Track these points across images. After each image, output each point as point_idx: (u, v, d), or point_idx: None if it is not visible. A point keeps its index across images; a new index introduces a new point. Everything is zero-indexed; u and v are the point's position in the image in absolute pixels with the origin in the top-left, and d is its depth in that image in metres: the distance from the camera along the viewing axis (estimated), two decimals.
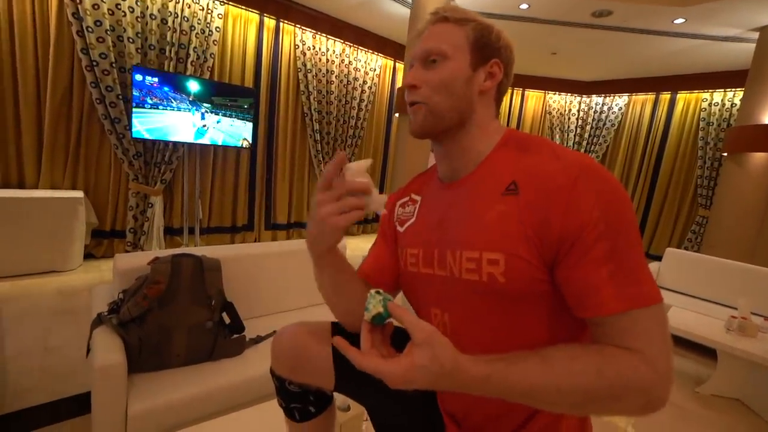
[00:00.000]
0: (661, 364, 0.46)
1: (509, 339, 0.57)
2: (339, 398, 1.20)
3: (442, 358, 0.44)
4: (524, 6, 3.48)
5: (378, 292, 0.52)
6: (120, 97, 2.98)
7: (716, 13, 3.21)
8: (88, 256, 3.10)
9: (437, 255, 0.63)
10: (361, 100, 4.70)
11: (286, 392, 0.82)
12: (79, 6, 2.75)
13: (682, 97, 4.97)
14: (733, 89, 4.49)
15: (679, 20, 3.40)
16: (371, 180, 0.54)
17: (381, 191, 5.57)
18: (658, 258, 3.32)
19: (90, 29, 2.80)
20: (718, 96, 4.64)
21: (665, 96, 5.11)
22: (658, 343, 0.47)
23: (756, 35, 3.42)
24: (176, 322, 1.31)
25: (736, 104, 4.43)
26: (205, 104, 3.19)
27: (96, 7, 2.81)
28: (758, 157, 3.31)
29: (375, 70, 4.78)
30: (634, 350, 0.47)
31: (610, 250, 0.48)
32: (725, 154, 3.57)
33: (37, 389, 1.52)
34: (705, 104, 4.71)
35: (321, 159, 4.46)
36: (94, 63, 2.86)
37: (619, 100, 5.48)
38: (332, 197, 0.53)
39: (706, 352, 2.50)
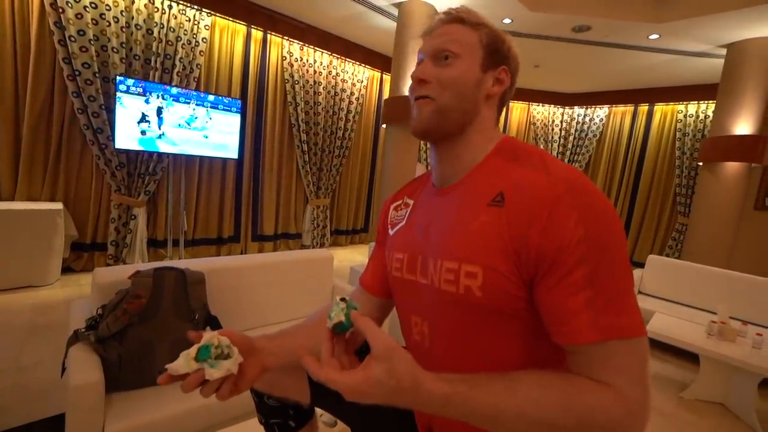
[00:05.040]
0: (634, 401, 0.44)
1: (483, 356, 0.56)
2: (326, 413, 1.17)
3: (400, 373, 0.42)
4: (507, 20, 3.58)
5: (343, 300, 0.50)
6: (103, 107, 2.93)
7: (687, 30, 3.38)
8: (67, 269, 2.99)
9: (420, 262, 0.61)
10: (349, 111, 4.73)
11: (266, 407, 0.81)
12: (62, 15, 2.71)
13: (659, 108, 5.16)
14: (706, 101, 4.68)
15: (654, 36, 3.56)
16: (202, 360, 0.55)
17: (369, 203, 5.45)
18: (641, 265, 3.39)
19: (73, 38, 2.76)
20: (692, 108, 4.83)
21: (643, 108, 5.30)
22: (633, 378, 0.45)
23: (724, 51, 3.60)
24: (158, 337, 1.27)
25: (709, 116, 4.61)
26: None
27: (79, 16, 2.77)
28: (731, 166, 3.45)
29: (362, 81, 4.82)
30: (607, 384, 0.45)
31: (591, 275, 0.46)
32: (701, 163, 3.70)
33: (8, 411, 1.45)
34: (681, 116, 4.90)
35: (308, 170, 4.45)
36: (77, 72, 2.81)
37: (600, 112, 5.65)
38: (201, 390, 0.56)
39: (689, 357, 2.55)
